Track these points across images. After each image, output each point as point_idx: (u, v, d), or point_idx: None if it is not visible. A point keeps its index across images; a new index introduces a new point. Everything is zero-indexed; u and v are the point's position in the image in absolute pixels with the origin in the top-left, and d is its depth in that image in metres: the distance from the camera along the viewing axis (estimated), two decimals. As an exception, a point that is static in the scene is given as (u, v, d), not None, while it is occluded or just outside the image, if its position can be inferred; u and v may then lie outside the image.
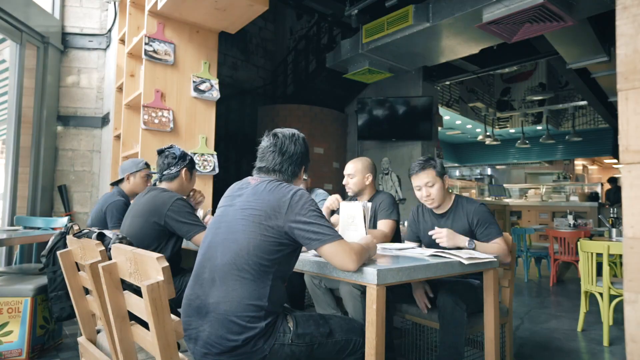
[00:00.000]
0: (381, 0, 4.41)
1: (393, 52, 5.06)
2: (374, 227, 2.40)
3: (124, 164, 2.91)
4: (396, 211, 2.41)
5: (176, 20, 3.53)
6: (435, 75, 6.75)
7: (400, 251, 1.87)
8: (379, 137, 6.82)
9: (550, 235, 4.92)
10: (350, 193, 2.52)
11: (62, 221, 3.63)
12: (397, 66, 5.51)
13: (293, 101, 7.07)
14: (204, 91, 3.64)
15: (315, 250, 1.38)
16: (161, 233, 2.02)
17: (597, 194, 8.13)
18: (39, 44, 4.22)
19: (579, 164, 14.36)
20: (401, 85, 6.73)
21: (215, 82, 3.70)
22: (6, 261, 4.00)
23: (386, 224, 2.35)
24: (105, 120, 4.53)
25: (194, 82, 3.59)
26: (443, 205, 2.19)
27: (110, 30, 4.62)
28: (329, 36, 7.09)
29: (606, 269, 2.86)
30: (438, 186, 2.12)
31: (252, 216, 1.37)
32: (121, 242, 1.54)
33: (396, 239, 2.43)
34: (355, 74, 5.61)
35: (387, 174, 6.89)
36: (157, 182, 2.24)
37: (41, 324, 2.53)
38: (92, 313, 1.69)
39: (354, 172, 2.48)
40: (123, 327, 1.31)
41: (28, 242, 3.07)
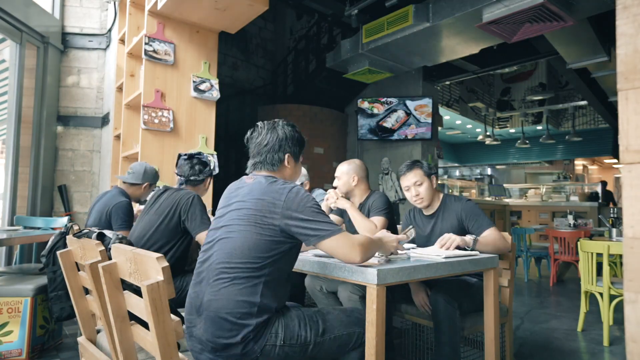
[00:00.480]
0: (381, 0, 4.41)
1: (393, 52, 5.06)
2: None
3: (146, 169, 2.81)
4: (389, 210, 2.42)
5: (176, 20, 3.53)
6: (435, 75, 6.75)
7: (416, 254, 1.81)
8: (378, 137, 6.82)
9: (550, 235, 4.92)
10: (340, 194, 2.55)
11: (62, 221, 3.63)
12: (397, 66, 5.51)
13: (293, 101, 7.07)
14: (204, 91, 3.64)
15: (314, 246, 1.37)
16: (176, 230, 2.07)
17: (597, 194, 8.12)
18: (39, 44, 4.22)
19: (579, 164, 14.36)
20: (401, 85, 6.73)
21: (215, 82, 3.70)
22: (6, 261, 4.00)
23: (377, 220, 2.37)
24: (105, 120, 4.53)
25: (194, 82, 3.59)
26: (432, 206, 2.23)
27: (110, 30, 4.62)
28: (329, 36, 7.10)
29: (606, 269, 2.86)
30: (426, 185, 2.17)
31: (247, 216, 1.37)
32: (121, 242, 1.54)
33: None
34: (355, 74, 5.61)
35: (387, 174, 6.88)
36: (182, 186, 2.27)
37: (41, 324, 2.53)
38: (92, 313, 1.69)
39: (340, 175, 2.54)
40: (123, 327, 1.31)
41: (28, 242, 3.07)
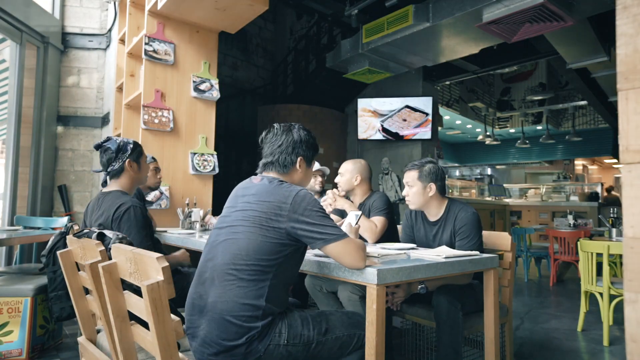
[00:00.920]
0: (381, 0, 4.41)
1: (393, 52, 5.06)
2: None
3: None
4: (389, 210, 2.42)
5: (176, 20, 3.53)
6: (435, 75, 6.75)
7: (415, 254, 1.81)
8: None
9: (550, 235, 4.92)
10: (340, 191, 2.55)
11: (62, 221, 3.63)
12: (397, 66, 5.50)
13: (293, 101, 7.07)
14: (204, 91, 3.64)
15: (319, 249, 1.38)
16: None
17: (597, 193, 8.12)
18: (39, 44, 4.22)
19: (579, 163, 14.36)
20: (401, 85, 6.73)
21: (215, 82, 3.70)
22: (6, 261, 4.00)
23: (377, 220, 2.37)
24: (105, 120, 4.53)
25: (194, 82, 3.59)
26: (435, 213, 2.19)
27: (110, 30, 4.62)
28: (329, 36, 7.10)
29: (606, 268, 2.86)
30: (415, 189, 2.13)
31: (252, 218, 1.37)
32: (121, 242, 1.54)
33: (393, 239, 2.44)
34: (355, 74, 5.61)
35: (387, 174, 6.89)
36: (108, 181, 2.08)
37: (41, 323, 2.53)
38: (92, 313, 1.69)
39: (344, 172, 2.55)
40: (123, 327, 1.31)
41: (28, 242, 3.07)
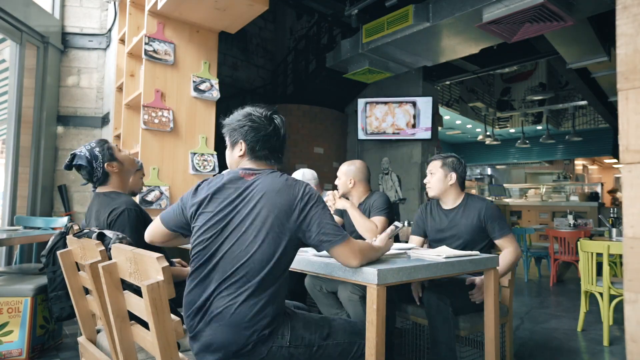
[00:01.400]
0: (381, 0, 4.41)
1: (393, 52, 5.06)
2: None
3: None
4: (389, 210, 2.42)
5: (176, 20, 3.53)
6: (435, 75, 6.75)
7: (415, 254, 1.81)
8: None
9: (550, 235, 4.92)
10: (339, 194, 2.57)
11: (62, 221, 3.63)
12: (397, 66, 5.50)
13: (293, 101, 7.07)
14: (204, 91, 3.64)
15: (326, 251, 1.39)
16: None
17: (597, 193, 8.12)
18: (39, 43, 4.22)
19: (579, 163, 14.35)
20: (401, 85, 6.73)
21: (215, 82, 3.70)
22: (6, 261, 4.00)
23: (377, 220, 2.37)
24: (105, 120, 4.53)
25: (194, 82, 3.59)
26: (450, 202, 2.25)
27: (110, 30, 4.62)
28: (329, 36, 7.10)
29: (606, 268, 2.86)
30: (437, 176, 2.23)
31: (266, 227, 1.32)
32: (121, 242, 1.54)
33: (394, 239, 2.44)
34: (355, 74, 5.61)
35: (387, 174, 6.88)
36: (94, 189, 2.00)
37: (41, 323, 2.53)
38: (92, 313, 1.69)
39: (340, 175, 2.59)
40: (123, 327, 1.31)
41: (28, 242, 3.07)
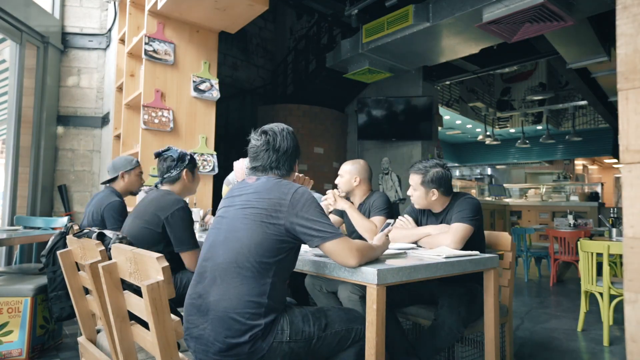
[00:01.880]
0: (381, 0, 4.41)
1: (393, 52, 5.06)
2: None
3: (115, 162, 2.76)
4: (389, 210, 2.42)
5: (176, 20, 3.53)
6: (435, 75, 6.75)
7: (415, 254, 1.81)
8: (379, 137, 6.82)
9: (550, 235, 4.92)
10: (340, 192, 2.56)
11: (62, 221, 3.63)
12: (397, 66, 5.51)
13: (293, 101, 7.07)
14: (204, 91, 3.64)
15: (317, 247, 1.39)
16: (160, 236, 2.00)
17: (597, 193, 8.12)
18: (39, 43, 4.22)
19: (579, 163, 14.36)
20: (401, 85, 6.73)
21: (215, 82, 3.70)
22: (6, 261, 4.00)
23: (377, 220, 2.37)
24: (105, 120, 4.53)
25: (194, 82, 3.59)
26: (440, 207, 2.20)
27: (110, 30, 4.62)
28: (329, 36, 7.09)
29: (606, 268, 2.86)
30: (418, 194, 2.15)
31: (253, 215, 1.37)
32: (121, 242, 1.54)
33: None
34: (355, 74, 5.61)
35: (387, 173, 6.89)
36: (159, 185, 2.21)
37: (41, 323, 2.53)
38: (92, 313, 1.69)
39: (343, 173, 2.57)
40: (123, 327, 1.31)
41: (28, 242, 3.07)
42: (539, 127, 11.37)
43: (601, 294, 2.91)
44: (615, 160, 13.33)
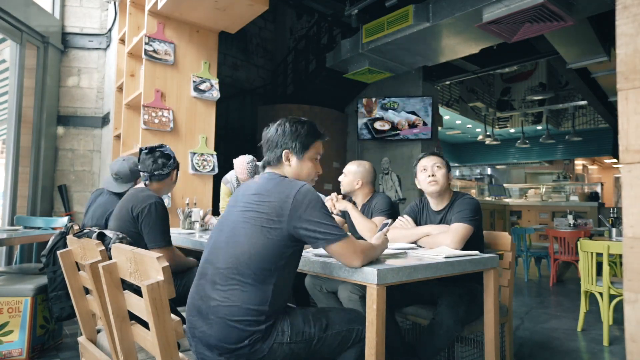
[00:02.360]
0: (381, 0, 4.41)
1: (393, 52, 5.06)
2: None
3: (131, 169, 2.63)
4: (392, 211, 2.43)
5: (176, 20, 3.53)
6: (435, 75, 6.75)
7: (415, 254, 1.81)
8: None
9: (550, 235, 4.92)
10: (342, 191, 2.56)
11: (62, 221, 3.63)
12: (397, 66, 5.51)
13: (293, 101, 7.07)
14: (204, 91, 3.64)
15: (322, 248, 1.39)
16: (138, 235, 1.99)
17: (597, 193, 8.12)
18: (39, 43, 4.22)
19: (579, 163, 14.36)
20: (401, 85, 6.73)
21: (215, 82, 3.71)
22: (6, 261, 4.00)
23: (379, 221, 2.37)
24: (105, 120, 4.53)
25: (194, 82, 3.59)
26: (441, 202, 2.21)
27: (110, 30, 4.62)
28: (329, 36, 7.09)
29: (606, 268, 2.86)
30: (444, 171, 2.17)
31: (253, 219, 1.35)
32: (121, 242, 1.54)
33: None
34: (355, 74, 5.61)
35: (387, 173, 6.89)
36: (146, 182, 2.17)
37: (41, 323, 2.53)
38: (92, 313, 1.69)
39: (347, 173, 2.57)
40: (123, 327, 1.31)
41: (28, 242, 3.07)
42: (539, 127, 11.37)
43: (601, 293, 2.91)
44: (615, 160, 13.33)
